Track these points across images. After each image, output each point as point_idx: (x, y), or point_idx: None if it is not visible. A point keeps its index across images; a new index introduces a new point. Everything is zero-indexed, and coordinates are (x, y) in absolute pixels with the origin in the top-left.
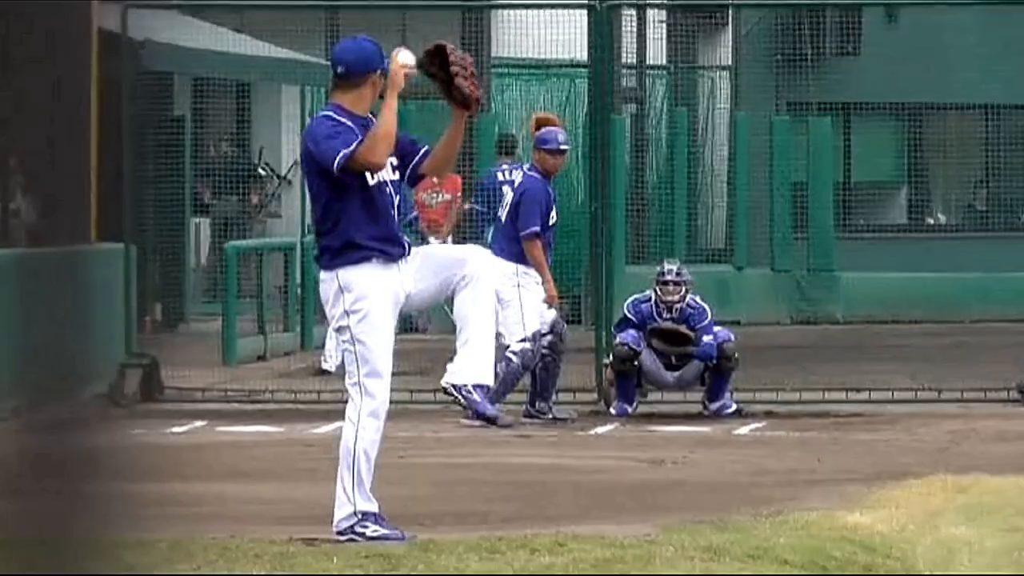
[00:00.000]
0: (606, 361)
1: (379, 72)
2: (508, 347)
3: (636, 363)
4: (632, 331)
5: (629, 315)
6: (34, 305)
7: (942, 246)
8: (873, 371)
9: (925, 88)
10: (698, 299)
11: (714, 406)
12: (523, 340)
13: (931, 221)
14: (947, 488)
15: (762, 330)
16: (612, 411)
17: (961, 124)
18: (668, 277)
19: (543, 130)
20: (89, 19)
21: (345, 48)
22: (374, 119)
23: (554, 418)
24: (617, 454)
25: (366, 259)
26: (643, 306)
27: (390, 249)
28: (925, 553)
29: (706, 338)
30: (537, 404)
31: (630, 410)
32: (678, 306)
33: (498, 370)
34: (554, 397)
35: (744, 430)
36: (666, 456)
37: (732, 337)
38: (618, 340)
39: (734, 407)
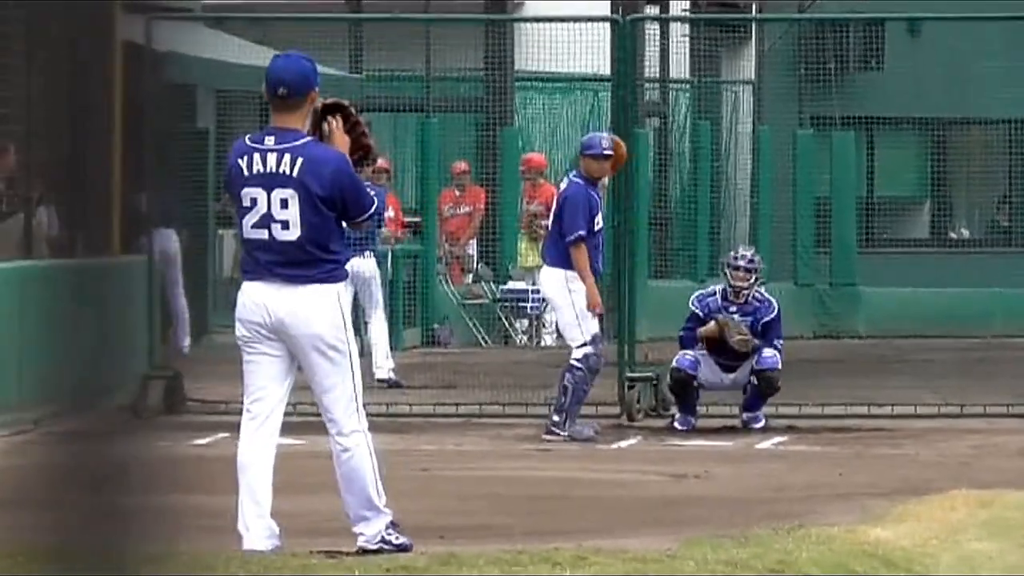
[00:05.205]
0: (629, 374)
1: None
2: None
3: (696, 382)
4: (688, 355)
5: (695, 309)
6: (57, 317)
7: (965, 261)
8: (895, 386)
9: (948, 103)
10: (763, 292)
11: (746, 416)
12: (583, 345)
13: (954, 236)
14: (969, 503)
15: (784, 344)
16: (677, 426)
17: (984, 139)
18: (740, 263)
19: (587, 136)
20: (113, 31)
21: (285, 67)
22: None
23: (570, 437)
24: (639, 468)
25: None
26: (710, 300)
27: None
28: (947, 568)
29: (767, 352)
30: (554, 418)
31: (695, 421)
32: (745, 292)
33: (566, 382)
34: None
35: (766, 444)
36: (688, 470)
37: (779, 366)
38: (675, 364)
39: (764, 422)
